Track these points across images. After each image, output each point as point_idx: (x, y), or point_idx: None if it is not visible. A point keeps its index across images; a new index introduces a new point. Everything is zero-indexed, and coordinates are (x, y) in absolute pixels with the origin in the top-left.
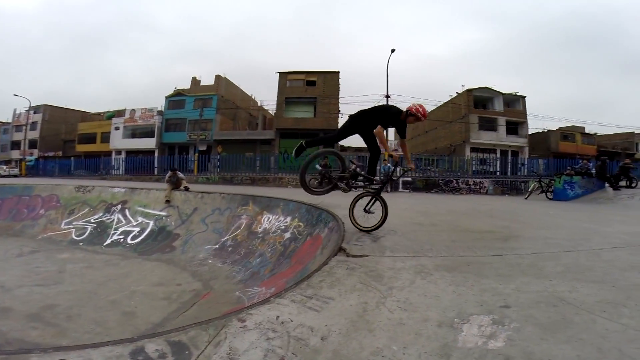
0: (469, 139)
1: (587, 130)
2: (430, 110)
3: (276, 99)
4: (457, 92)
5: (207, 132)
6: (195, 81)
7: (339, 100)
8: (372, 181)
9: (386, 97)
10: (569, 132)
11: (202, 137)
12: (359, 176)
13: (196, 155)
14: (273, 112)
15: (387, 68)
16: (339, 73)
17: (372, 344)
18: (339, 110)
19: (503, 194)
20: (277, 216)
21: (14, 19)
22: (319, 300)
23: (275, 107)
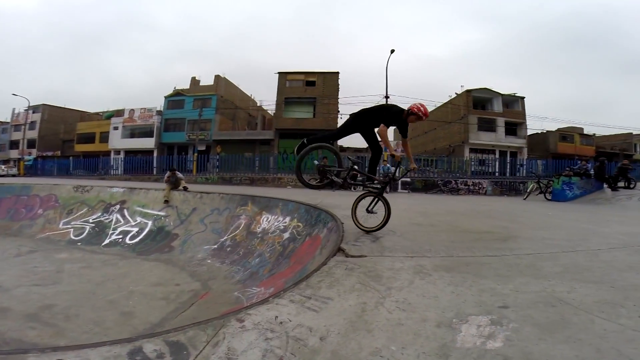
0: (468, 140)
1: (586, 131)
2: (429, 111)
3: (275, 99)
4: (456, 93)
5: (206, 132)
6: (194, 81)
7: (339, 100)
8: (373, 180)
9: (385, 98)
10: (568, 133)
11: (201, 137)
12: (358, 174)
13: (195, 156)
14: (272, 112)
15: (386, 69)
16: (338, 73)
17: (370, 344)
18: (338, 111)
19: (502, 194)
20: (276, 216)
21: (13, 18)
22: (317, 301)
23: (274, 107)
